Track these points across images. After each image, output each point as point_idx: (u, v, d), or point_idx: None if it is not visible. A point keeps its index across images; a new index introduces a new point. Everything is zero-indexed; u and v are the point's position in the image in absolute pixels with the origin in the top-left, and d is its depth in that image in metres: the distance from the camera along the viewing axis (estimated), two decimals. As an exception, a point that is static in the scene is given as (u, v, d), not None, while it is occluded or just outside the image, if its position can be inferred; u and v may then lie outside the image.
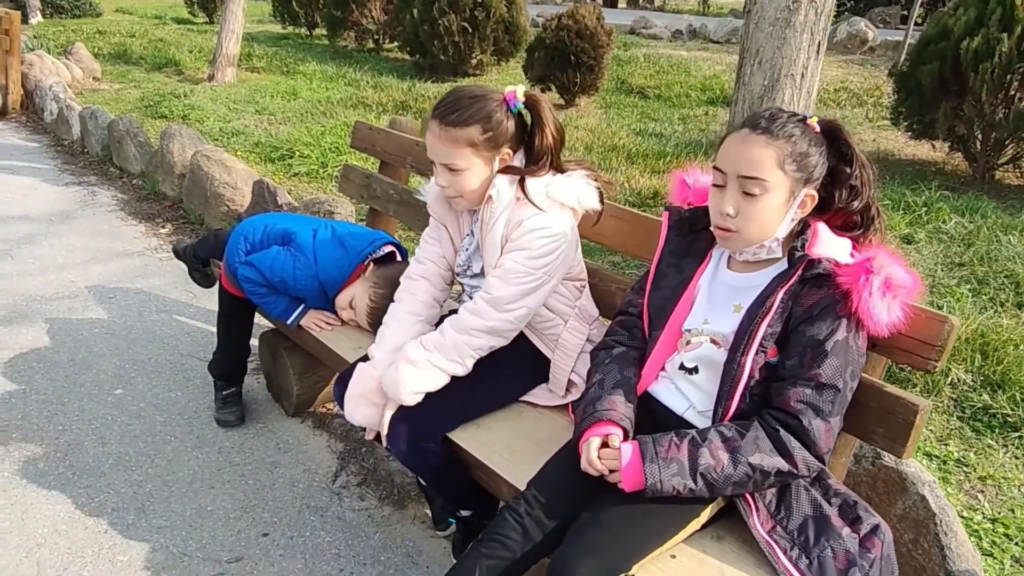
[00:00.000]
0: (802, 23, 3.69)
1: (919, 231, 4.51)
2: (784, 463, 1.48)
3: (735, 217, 1.56)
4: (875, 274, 1.46)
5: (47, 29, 11.99)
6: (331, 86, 8.57)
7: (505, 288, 1.85)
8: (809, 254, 1.53)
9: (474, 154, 1.87)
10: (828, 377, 1.47)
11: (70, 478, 2.48)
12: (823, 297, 1.51)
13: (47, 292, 3.78)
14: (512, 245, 1.86)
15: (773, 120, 1.54)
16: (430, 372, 1.85)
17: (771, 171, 1.52)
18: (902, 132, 6.40)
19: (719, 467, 1.48)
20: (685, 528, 1.54)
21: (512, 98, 1.87)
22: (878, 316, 1.46)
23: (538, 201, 1.87)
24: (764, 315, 1.54)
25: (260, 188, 4.17)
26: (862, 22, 11.13)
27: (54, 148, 6.55)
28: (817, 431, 1.47)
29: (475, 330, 1.86)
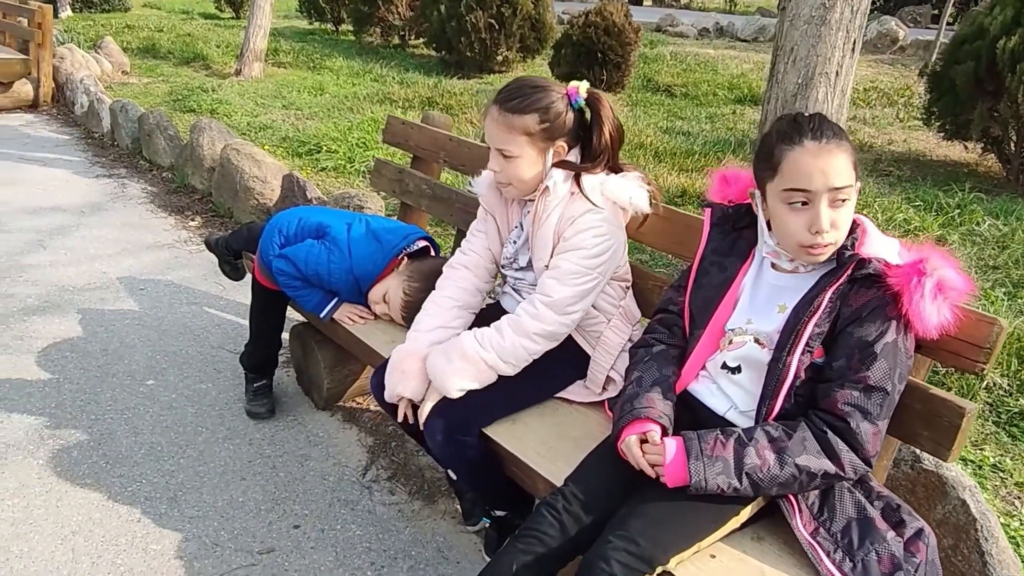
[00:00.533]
0: (837, 21, 3.64)
1: (952, 233, 4.45)
2: (831, 465, 1.46)
3: (830, 231, 1.50)
4: (928, 276, 1.44)
5: (77, 23, 12.13)
6: (357, 82, 8.59)
7: (564, 290, 1.85)
8: (859, 254, 1.51)
9: (528, 143, 1.88)
10: (877, 380, 1.45)
11: (103, 467, 2.50)
12: (873, 298, 1.48)
13: (79, 283, 3.82)
14: (565, 244, 1.86)
15: (828, 122, 1.52)
16: (482, 370, 1.85)
17: (852, 176, 1.51)
18: (934, 133, 6.32)
19: (765, 467, 1.46)
20: (725, 526, 1.53)
21: (575, 93, 1.88)
22: (928, 318, 1.44)
23: (593, 197, 1.87)
24: (811, 315, 1.51)
25: (289, 182, 4.19)
26: (892, 21, 11.00)
27: (85, 141, 6.62)
28: (865, 434, 1.45)
29: (536, 335, 1.86)
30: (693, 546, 1.49)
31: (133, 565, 2.12)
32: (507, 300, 2.15)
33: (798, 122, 1.54)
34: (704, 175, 5.40)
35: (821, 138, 1.50)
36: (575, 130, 1.91)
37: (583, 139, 1.94)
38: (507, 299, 2.15)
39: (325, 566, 2.14)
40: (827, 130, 1.50)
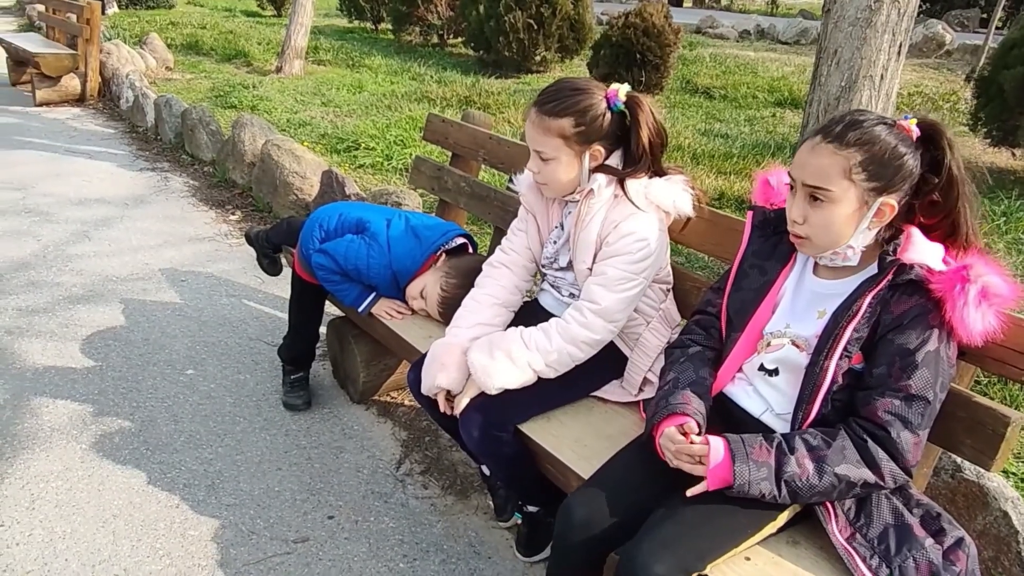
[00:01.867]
0: (883, 23, 3.59)
1: (997, 241, 4.36)
2: (871, 475, 1.44)
3: (802, 224, 1.53)
4: (972, 283, 1.41)
5: (123, 19, 12.36)
6: (396, 80, 8.65)
7: (610, 296, 1.85)
8: (900, 259, 1.49)
9: (564, 145, 1.87)
10: (918, 388, 1.43)
11: (144, 453, 2.55)
12: (915, 305, 1.46)
13: (122, 273, 3.90)
14: (609, 250, 1.86)
15: (850, 127, 1.49)
16: (525, 372, 1.86)
17: (836, 181, 1.48)
18: (980, 139, 6.20)
19: (804, 476, 1.45)
20: (761, 531, 1.52)
21: (614, 96, 1.87)
22: (972, 325, 1.41)
23: (637, 201, 1.87)
24: (850, 319, 1.50)
25: (328, 178, 4.23)
26: (939, 24, 10.80)
27: (129, 135, 6.75)
28: (906, 443, 1.43)
29: (583, 343, 1.88)
30: (730, 551, 1.49)
31: (171, 549, 2.16)
32: (545, 297, 2.16)
33: (832, 119, 1.54)
34: (742, 178, 5.35)
35: (827, 137, 1.49)
36: (614, 133, 1.90)
37: (624, 142, 1.93)
38: (545, 296, 2.16)
39: (359, 557, 2.17)
40: (839, 132, 1.48)
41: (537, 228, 2.09)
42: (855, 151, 1.47)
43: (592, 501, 1.61)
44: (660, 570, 1.40)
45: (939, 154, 1.52)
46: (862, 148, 1.47)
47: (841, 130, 1.50)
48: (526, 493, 2.08)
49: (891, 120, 1.54)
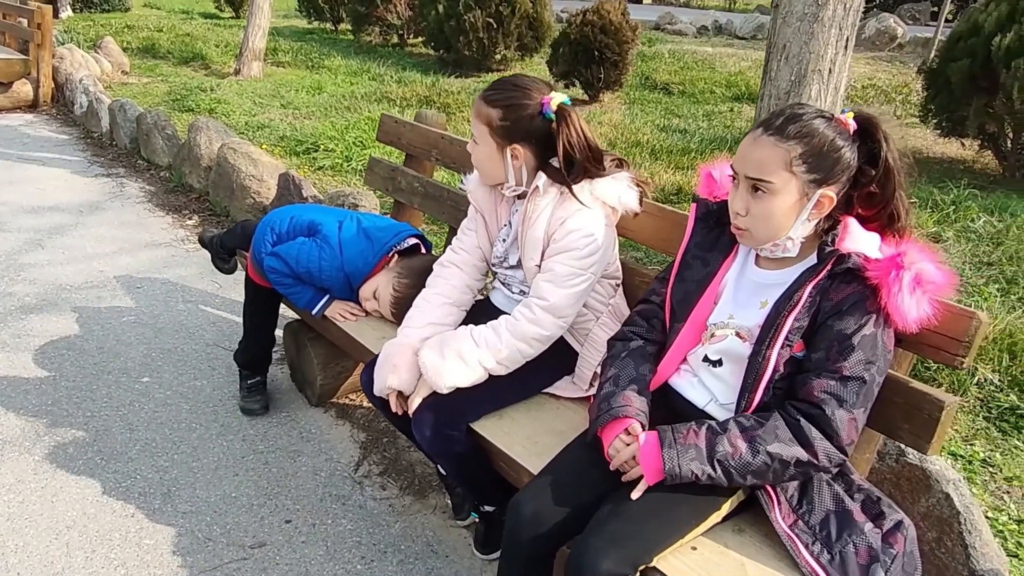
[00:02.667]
0: (830, 18, 3.65)
1: (947, 230, 4.46)
2: (804, 453, 1.47)
3: (745, 216, 1.56)
4: (906, 269, 1.45)
5: (77, 23, 12.14)
6: (355, 81, 8.61)
7: (559, 292, 1.87)
8: (839, 249, 1.53)
9: (488, 134, 1.93)
10: (853, 369, 1.46)
11: (98, 463, 2.52)
12: (852, 292, 1.50)
13: (76, 281, 3.84)
14: (556, 247, 1.88)
15: (790, 120, 1.53)
16: (476, 370, 1.88)
17: (777, 173, 1.51)
18: (931, 130, 6.33)
19: (737, 455, 1.48)
20: (706, 520, 1.54)
21: (547, 103, 1.89)
22: (907, 312, 1.45)
23: (582, 198, 1.89)
24: (791, 309, 1.53)
25: (285, 181, 4.21)
26: (891, 18, 10.99)
27: (84, 140, 6.64)
28: (840, 421, 1.46)
29: (533, 339, 1.90)
30: (676, 542, 1.51)
31: (126, 559, 2.14)
32: (496, 295, 2.17)
33: (773, 113, 1.57)
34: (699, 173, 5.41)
35: (768, 130, 1.53)
36: (541, 138, 1.91)
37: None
38: (496, 293, 2.17)
39: (315, 560, 2.17)
40: (779, 125, 1.52)
41: (486, 227, 2.10)
42: (795, 144, 1.51)
43: (540, 497, 1.62)
44: (608, 566, 1.42)
45: (875, 147, 1.56)
46: (802, 141, 1.51)
47: (781, 123, 1.53)
48: (481, 491, 2.09)
49: (829, 114, 1.57)
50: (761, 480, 1.51)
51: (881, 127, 1.55)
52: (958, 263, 4.09)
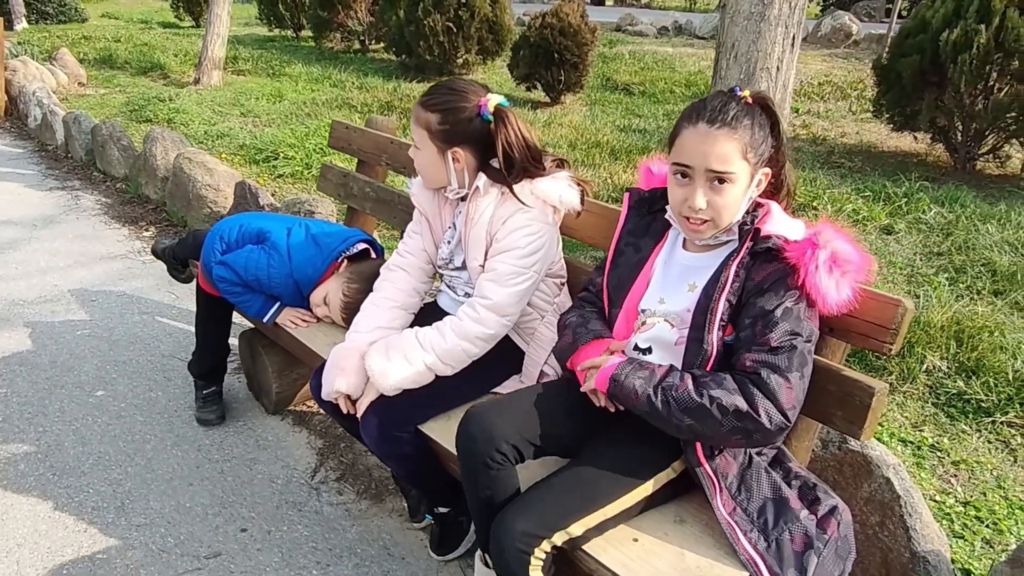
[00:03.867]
0: (776, 17, 3.72)
1: (899, 222, 4.55)
2: (744, 404, 1.47)
3: (707, 209, 1.58)
4: (821, 248, 1.49)
5: (32, 35, 11.97)
6: (316, 87, 8.58)
7: (502, 290, 1.89)
8: (760, 228, 1.57)
9: (428, 138, 1.96)
10: (780, 340, 1.50)
11: (50, 479, 2.50)
12: (773, 271, 1.54)
13: (29, 296, 3.79)
14: (499, 246, 1.90)
15: (725, 110, 1.56)
16: (421, 371, 1.89)
17: (736, 163, 1.55)
18: (884, 124, 6.44)
19: (682, 389, 1.51)
20: (629, 494, 1.57)
21: (484, 105, 1.91)
22: (826, 291, 1.49)
23: (523, 197, 1.91)
24: (720, 291, 1.57)
25: (242, 189, 4.19)
26: (846, 16, 11.18)
27: (38, 153, 6.55)
28: (776, 385, 1.47)
29: (477, 338, 1.91)
30: (596, 512, 1.54)
31: (78, 575, 2.12)
32: (443, 298, 2.19)
33: (704, 103, 1.60)
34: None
35: (714, 123, 1.55)
36: (481, 140, 1.94)
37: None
38: (443, 296, 2.19)
39: (271, 567, 2.16)
40: (724, 116, 1.55)
41: (431, 229, 2.12)
42: (744, 132, 1.55)
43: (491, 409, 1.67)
44: (522, 526, 1.48)
45: (773, 121, 1.61)
46: (746, 128, 1.55)
47: (725, 114, 1.56)
48: (433, 493, 2.10)
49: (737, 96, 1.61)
50: (699, 425, 1.50)
51: (770, 99, 1.62)
52: (909, 254, 4.18)
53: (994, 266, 3.89)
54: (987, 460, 2.64)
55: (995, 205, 4.78)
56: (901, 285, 3.83)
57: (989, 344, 3.12)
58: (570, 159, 5.83)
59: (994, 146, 5.81)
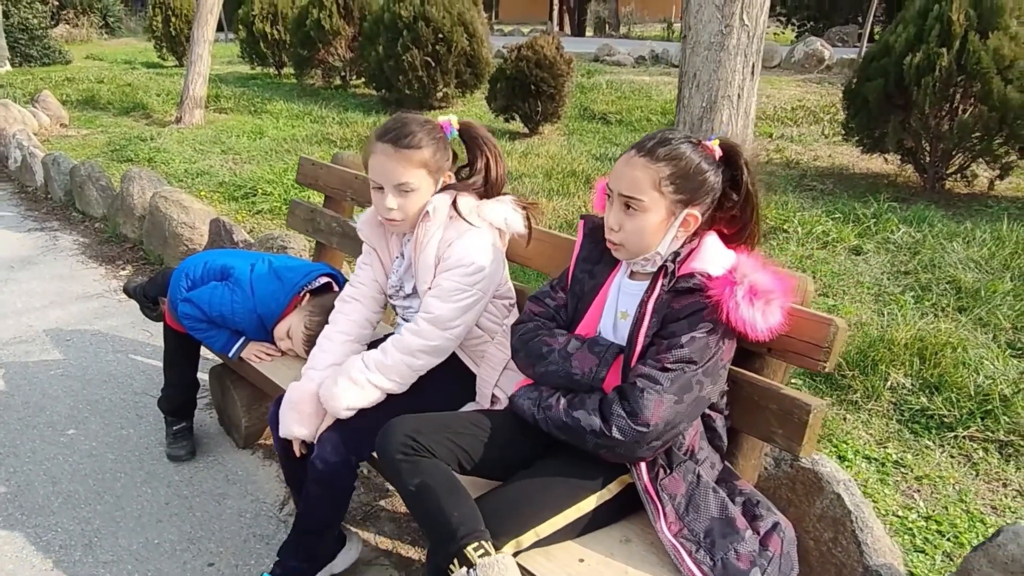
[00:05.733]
0: (735, 46, 3.81)
1: (867, 242, 4.63)
2: (599, 423, 1.58)
3: (618, 231, 1.65)
4: (739, 284, 1.55)
5: (16, 78, 12.06)
6: (297, 124, 8.67)
7: (444, 306, 1.94)
8: (682, 269, 1.63)
9: (427, 174, 1.98)
10: (674, 363, 1.57)
11: (19, 518, 2.51)
12: (692, 302, 1.60)
13: (4, 337, 3.81)
14: (444, 264, 1.95)
15: (661, 143, 1.63)
16: (368, 390, 1.94)
17: (647, 192, 1.61)
18: (854, 147, 6.56)
19: (554, 410, 1.65)
20: (563, 513, 1.61)
21: (448, 126, 2.00)
22: (752, 321, 1.54)
23: (470, 219, 1.97)
24: (639, 325, 1.63)
25: (217, 226, 4.23)
26: (818, 42, 11.38)
27: (18, 195, 6.60)
28: (648, 400, 1.54)
29: (418, 351, 1.95)
30: (529, 530, 1.57)
31: (43, 613, 2.13)
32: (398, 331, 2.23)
33: (646, 136, 1.67)
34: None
35: (640, 152, 1.63)
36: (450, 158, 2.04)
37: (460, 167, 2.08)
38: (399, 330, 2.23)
39: (236, 601, 2.18)
40: (651, 147, 1.63)
41: (380, 261, 2.17)
42: (664, 165, 1.61)
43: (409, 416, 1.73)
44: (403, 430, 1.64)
45: (738, 173, 1.67)
46: (670, 163, 1.61)
47: (653, 146, 1.63)
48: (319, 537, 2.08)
49: (696, 140, 1.68)
50: (574, 441, 1.64)
51: (744, 155, 1.66)
52: (877, 273, 4.24)
53: (959, 283, 3.96)
54: (949, 475, 2.68)
55: (961, 223, 4.86)
56: (868, 304, 3.89)
57: (952, 360, 3.18)
58: (546, 188, 5.91)
59: (961, 166, 5.92)
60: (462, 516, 1.52)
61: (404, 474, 1.62)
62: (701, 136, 1.76)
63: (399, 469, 1.62)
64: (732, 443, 1.79)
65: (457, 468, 1.70)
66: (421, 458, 1.63)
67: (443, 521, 1.53)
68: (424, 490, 1.59)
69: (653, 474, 1.61)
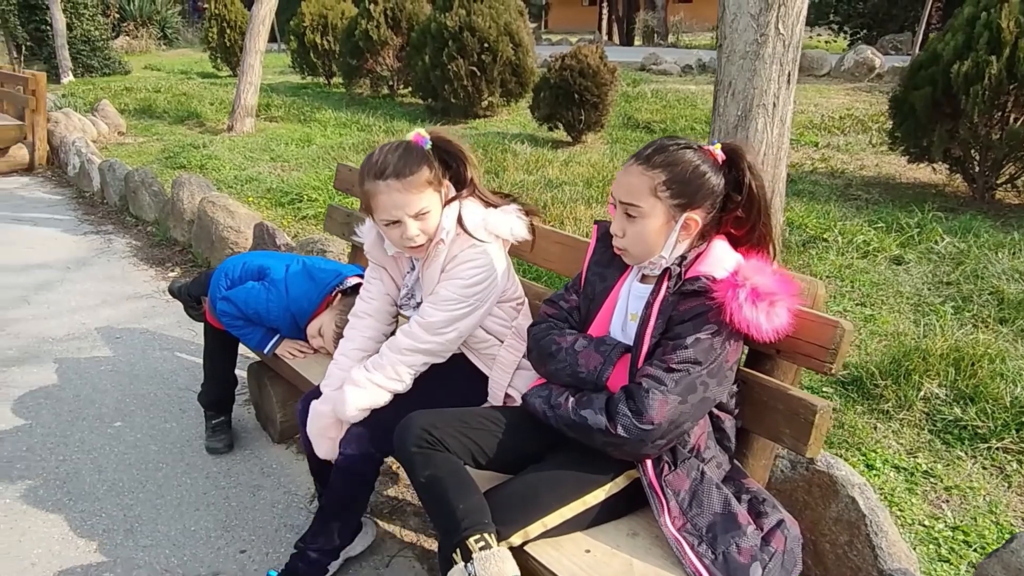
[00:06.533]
0: (770, 55, 3.81)
1: (909, 252, 4.57)
2: (604, 422, 1.62)
3: (622, 237, 1.70)
4: (741, 287, 1.58)
5: (77, 88, 12.53)
6: (344, 132, 8.85)
7: (438, 314, 2.01)
8: (688, 273, 1.67)
9: (434, 191, 2.03)
10: (679, 364, 1.60)
11: (67, 503, 2.64)
12: (697, 304, 1.63)
13: (58, 334, 3.99)
14: (446, 275, 2.03)
15: (658, 151, 1.68)
16: (372, 390, 2.02)
17: (644, 198, 1.66)
18: (900, 156, 6.46)
19: (563, 408, 1.70)
20: (568, 505, 1.66)
21: (421, 140, 2.04)
22: (757, 323, 1.57)
23: (477, 234, 2.03)
24: (645, 327, 1.67)
25: (260, 230, 4.37)
26: (869, 50, 11.21)
27: (76, 200, 6.88)
28: (652, 399, 1.58)
29: (408, 350, 2.03)
30: (537, 521, 1.63)
31: (85, 593, 2.25)
32: None
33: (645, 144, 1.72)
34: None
35: (638, 160, 1.67)
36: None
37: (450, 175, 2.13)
38: None
39: (265, 587, 2.27)
40: (648, 155, 1.68)
41: (390, 275, 2.26)
42: (660, 171, 1.66)
43: (426, 411, 1.79)
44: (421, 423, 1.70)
45: (740, 175, 1.70)
46: (666, 169, 1.66)
47: (650, 153, 1.69)
48: (342, 525, 2.16)
49: (697, 145, 1.72)
50: (583, 438, 1.68)
51: (746, 157, 1.70)
52: (918, 283, 4.20)
53: (1002, 294, 3.89)
54: (981, 486, 2.65)
55: (1009, 234, 4.77)
56: (906, 314, 3.85)
57: (989, 371, 3.14)
58: (585, 196, 5.95)
59: (1012, 175, 5.80)
60: (467, 508, 1.58)
61: (417, 466, 1.69)
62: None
63: (413, 462, 1.69)
64: (742, 443, 1.82)
65: (471, 462, 1.76)
66: (434, 452, 1.69)
67: (449, 512, 1.59)
68: (433, 482, 1.65)
69: (658, 470, 1.65)
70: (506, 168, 6.88)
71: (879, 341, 3.52)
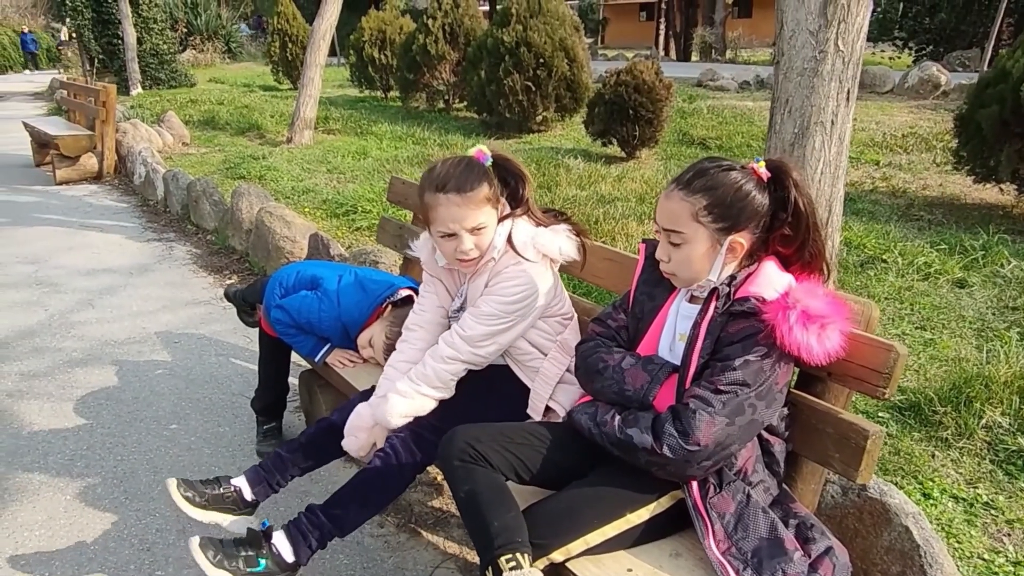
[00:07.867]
0: (829, 72, 3.75)
1: (973, 275, 4.44)
2: (650, 441, 1.60)
3: (668, 263, 1.70)
4: (791, 309, 1.55)
5: (145, 99, 12.98)
6: (400, 145, 8.98)
7: (478, 327, 2.05)
8: (737, 293, 1.65)
9: (492, 207, 2.07)
10: (727, 386, 1.58)
11: (123, 501, 2.72)
12: (746, 326, 1.61)
13: (120, 337, 4.12)
14: (488, 290, 2.06)
15: (698, 175, 1.66)
16: (418, 399, 2.06)
17: (686, 224, 1.65)
18: (965, 176, 6.29)
19: (609, 427, 1.68)
20: (610, 524, 1.64)
21: (483, 156, 2.07)
22: (808, 345, 1.54)
23: (525, 253, 2.06)
24: (693, 347, 1.65)
25: (315, 240, 4.46)
26: (934, 67, 10.96)
27: (140, 208, 7.11)
28: (699, 420, 1.56)
29: (448, 358, 2.07)
30: (579, 538, 1.62)
31: (137, 590, 2.31)
32: None
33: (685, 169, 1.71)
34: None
35: (679, 185, 1.67)
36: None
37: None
38: None
39: (310, 592, 2.30)
40: (687, 180, 1.67)
41: (445, 287, 2.28)
42: (701, 196, 1.65)
43: (471, 425, 1.80)
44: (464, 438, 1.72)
45: (785, 192, 1.68)
46: (706, 193, 1.64)
47: (690, 178, 1.68)
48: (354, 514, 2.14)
49: (740, 164, 1.70)
50: (627, 456, 1.67)
51: (791, 174, 1.67)
52: (981, 307, 4.07)
53: (1072, 321, 3.76)
54: (1044, 520, 2.56)
55: (1082, 258, 4.60)
56: (969, 339, 3.74)
57: (1059, 402, 3.02)
58: (638, 212, 5.92)
59: (1084, 198, 5.61)
60: (502, 526, 1.58)
61: (458, 480, 1.70)
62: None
63: (455, 475, 1.71)
64: (792, 467, 1.78)
65: (514, 477, 1.76)
66: (476, 466, 1.70)
67: (484, 529, 1.60)
68: (472, 497, 1.66)
69: (703, 492, 1.63)
70: (559, 183, 6.89)
71: (939, 366, 3.42)
